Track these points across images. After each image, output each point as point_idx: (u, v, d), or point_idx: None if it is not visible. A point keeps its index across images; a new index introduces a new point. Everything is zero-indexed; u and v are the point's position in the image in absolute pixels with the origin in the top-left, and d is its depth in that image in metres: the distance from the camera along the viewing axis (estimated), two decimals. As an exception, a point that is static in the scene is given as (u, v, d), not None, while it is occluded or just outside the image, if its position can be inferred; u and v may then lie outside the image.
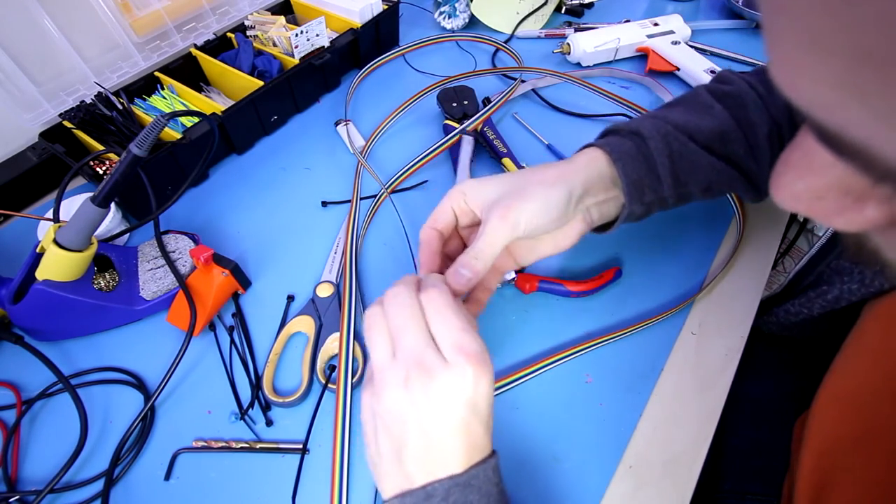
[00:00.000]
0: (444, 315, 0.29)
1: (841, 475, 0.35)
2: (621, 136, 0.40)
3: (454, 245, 0.40)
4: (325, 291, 0.46)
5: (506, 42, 0.74)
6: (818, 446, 0.38)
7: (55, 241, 0.39)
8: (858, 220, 0.16)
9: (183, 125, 0.58)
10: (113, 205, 0.47)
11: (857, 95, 0.11)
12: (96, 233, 0.41)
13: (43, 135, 0.55)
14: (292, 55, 0.63)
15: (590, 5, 0.82)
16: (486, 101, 0.64)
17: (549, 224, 0.36)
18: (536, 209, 0.35)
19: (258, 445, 0.39)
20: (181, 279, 0.44)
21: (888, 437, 0.34)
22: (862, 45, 0.10)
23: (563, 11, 0.82)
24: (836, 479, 0.36)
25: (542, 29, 0.78)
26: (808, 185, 0.17)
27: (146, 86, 0.62)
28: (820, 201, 0.17)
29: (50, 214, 0.49)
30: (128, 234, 0.52)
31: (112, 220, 0.51)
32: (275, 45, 0.66)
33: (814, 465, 0.38)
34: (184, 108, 0.47)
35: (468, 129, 0.57)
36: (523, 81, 0.66)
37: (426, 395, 0.27)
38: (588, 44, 0.69)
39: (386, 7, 0.70)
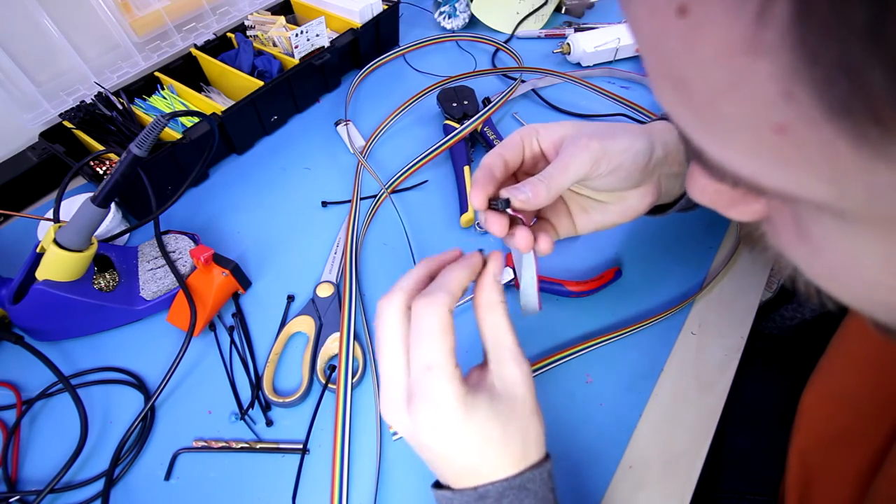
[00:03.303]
0: (420, 343, 0.26)
1: (824, 472, 0.36)
2: None
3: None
4: (325, 291, 0.46)
5: (506, 42, 0.74)
6: (803, 444, 0.39)
7: (55, 241, 0.39)
8: (748, 212, 0.19)
9: (183, 125, 0.58)
10: (113, 205, 0.47)
11: (675, 105, 0.14)
12: (96, 233, 0.41)
13: (43, 135, 0.55)
14: (292, 55, 0.63)
15: (590, 5, 0.82)
16: (486, 101, 0.64)
17: (630, 175, 0.33)
18: (622, 149, 0.31)
19: (258, 445, 0.39)
20: (181, 279, 0.44)
21: (867, 433, 0.34)
22: (669, 70, 0.13)
23: (563, 11, 0.82)
24: (819, 475, 0.36)
25: (542, 29, 0.78)
26: (707, 181, 0.20)
27: (146, 86, 0.62)
28: (718, 195, 0.20)
29: (50, 214, 0.49)
30: (128, 234, 0.52)
31: (112, 220, 0.51)
32: (275, 45, 0.66)
33: (800, 462, 0.38)
34: (184, 108, 0.47)
35: (468, 129, 0.57)
36: (523, 81, 0.66)
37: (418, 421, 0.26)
38: (588, 44, 0.69)
39: (386, 7, 0.70)
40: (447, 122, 0.61)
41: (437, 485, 0.29)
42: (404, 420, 0.26)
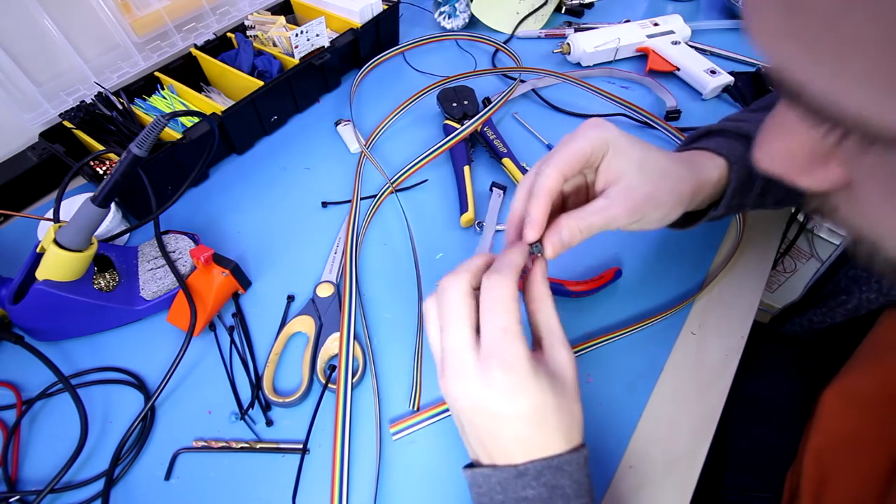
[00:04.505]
0: (495, 310, 0.28)
1: (840, 471, 0.36)
2: (730, 140, 0.38)
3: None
4: (325, 291, 0.46)
5: (506, 42, 0.74)
6: (820, 443, 0.39)
7: (55, 241, 0.39)
8: (823, 179, 0.18)
9: (183, 125, 0.58)
10: (113, 205, 0.47)
11: (802, 44, 0.14)
12: (96, 233, 0.41)
13: (43, 135, 0.55)
14: (292, 55, 0.63)
15: (590, 5, 0.82)
16: (487, 101, 0.64)
17: (667, 217, 0.35)
18: (658, 219, 0.34)
19: (258, 445, 0.39)
20: (181, 279, 0.44)
21: (886, 437, 0.34)
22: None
23: (563, 11, 0.82)
24: (835, 474, 0.36)
25: (542, 29, 0.78)
26: (781, 145, 0.19)
27: (146, 86, 0.62)
28: (792, 160, 0.19)
29: (50, 214, 0.49)
30: (128, 234, 0.52)
31: (112, 220, 0.51)
32: (275, 45, 0.66)
33: (815, 461, 0.38)
34: (184, 108, 0.47)
35: (468, 129, 0.57)
36: (523, 81, 0.66)
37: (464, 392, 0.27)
38: (588, 44, 0.69)
39: (386, 7, 0.70)
40: (447, 122, 0.61)
41: (471, 466, 0.29)
42: (475, 386, 0.27)
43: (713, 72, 0.65)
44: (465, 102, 0.62)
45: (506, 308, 0.27)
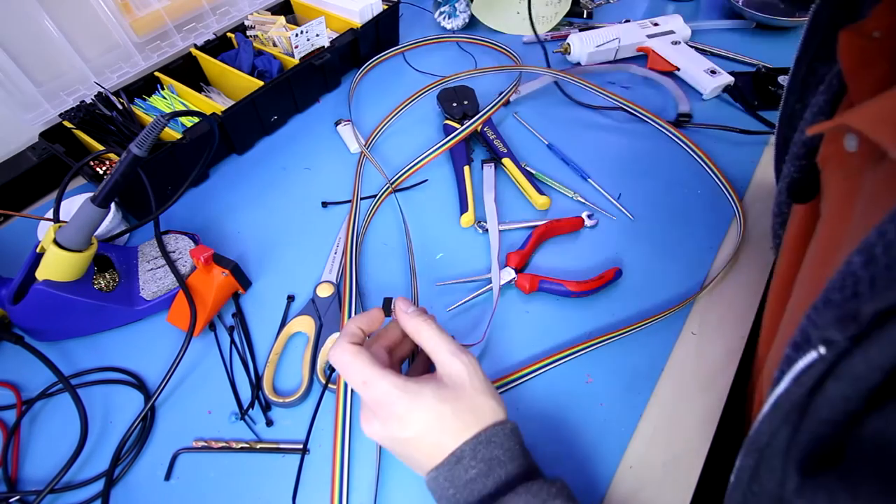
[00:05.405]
0: (347, 373, 0.32)
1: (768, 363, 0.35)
2: None
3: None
4: (325, 291, 0.46)
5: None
6: (762, 353, 0.39)
7: (55, 241, 0.39)
8: None
9: (183, 125, 0.58)
10: (113, 205, 0.47)
11: None
12: (96, 233, 0.41)
13: (43, 135, 0.55)
14: (292, 55, 0.63)
15: (598, 5, 0.82)
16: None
17: None
18: None
19: (258, 445, 0.39)
20: (181, 279, 0.44)
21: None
22: None
23: (584, 16, 0.80)
24: (763, 367, 0.36)
25: (548, 32, 0.77)
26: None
27: (146, 86, 0.62)
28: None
29: (50, 214, 0.49)
30: (128, 234, 0.52)
31: (112, 220, 0.51)
32: (275, 45, 0.66)
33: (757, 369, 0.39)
34: (184, 108, 0.47)
35: (469, 130, 0.57)
36: (519, 89, 0.66)
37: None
38: (588, 44, 0.69)
39: (386, 7, 0.71)
40: (447, 122, 0.61)
41: None
42: (376, 427, 0.31)
43: (713, 72, 0.65)
44: (465, 102, 0.62)
45: (351, 368, 0.31)
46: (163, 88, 0.62)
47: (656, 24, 0.72)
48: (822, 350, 0.19)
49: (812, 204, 0.34)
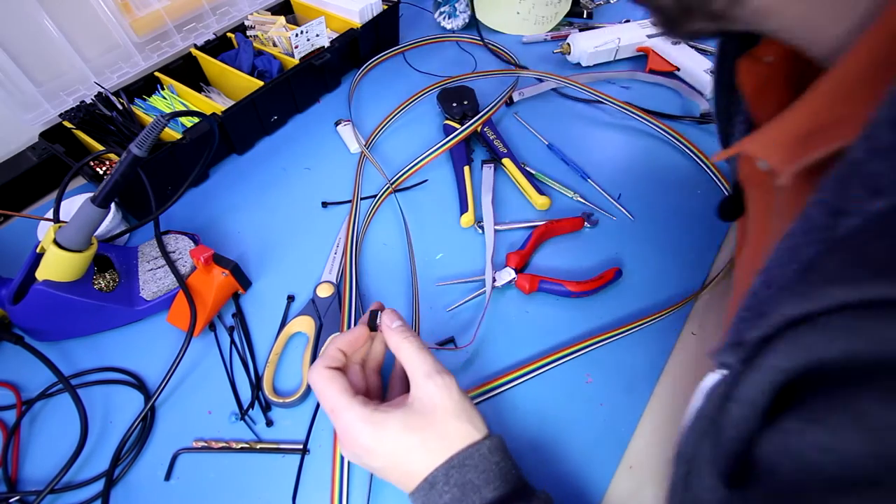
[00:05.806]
0: (321, 398, 0.33)
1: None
2: None
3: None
4: (325, 291, 0.46)
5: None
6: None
7: (55, 242, 0.39)
8: None
9: (183, 125, 0.58)
10: (113, 205, 0.47)
11: None
12: (96, 233, 0.41)
13: (43, 135, 0.55)
14: (292, 55, 0.63)
15: (598, 5, 0.82)
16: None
17: None
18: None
19: (258, 446, 0.39)
20: (181, 279, 0.44)
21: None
22: None
23: (584, 16, 0.80)
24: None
25: (548, 32, 0.77)
26: None
27: (146, 86, 0.62)
28: None
29: (50, 214, 0.49)
30: (128, 235, 0.52)
31: (112, 220, 0.51)
32: (275, 45, 0.66)
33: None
34: (184, 108, 0.47)
35: (469, 130, 0.57)
36: (518, 93, 0.66)
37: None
38: (588, 44, 0.69)
39: (386, 7, 0.70)
40: (447, 122, 0.61)
41: None
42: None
43: (713, 72, 0.65)
44: (465, 102, 0.62)
45: (323, 395, 0.32)
46: (163, 88, 0.62)
47: (656, 24, 0.72)
48: (723, 372, 0.20)
49: (743, 221, 0.34)
